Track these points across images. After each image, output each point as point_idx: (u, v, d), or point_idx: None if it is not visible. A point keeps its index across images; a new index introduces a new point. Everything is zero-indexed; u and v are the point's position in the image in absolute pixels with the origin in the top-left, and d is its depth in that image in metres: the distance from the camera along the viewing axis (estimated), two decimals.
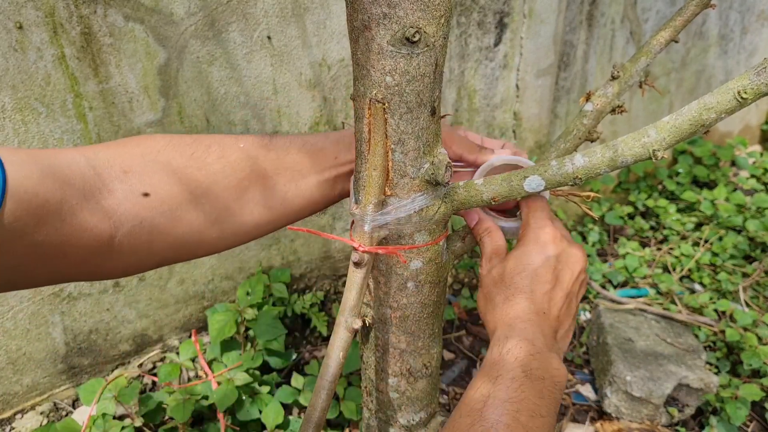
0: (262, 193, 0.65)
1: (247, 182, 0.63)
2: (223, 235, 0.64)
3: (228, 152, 0.63)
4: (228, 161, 0.62)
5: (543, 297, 0.64)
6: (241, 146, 0.64)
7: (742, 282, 1.63)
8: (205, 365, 1.28)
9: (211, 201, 0.61)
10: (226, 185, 0.62)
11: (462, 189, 0.67)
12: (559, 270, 0.65)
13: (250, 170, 0.63)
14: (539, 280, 0.64)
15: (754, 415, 1.33)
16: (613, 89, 0.77)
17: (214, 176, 0.61)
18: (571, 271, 0.66)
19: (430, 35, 0.56)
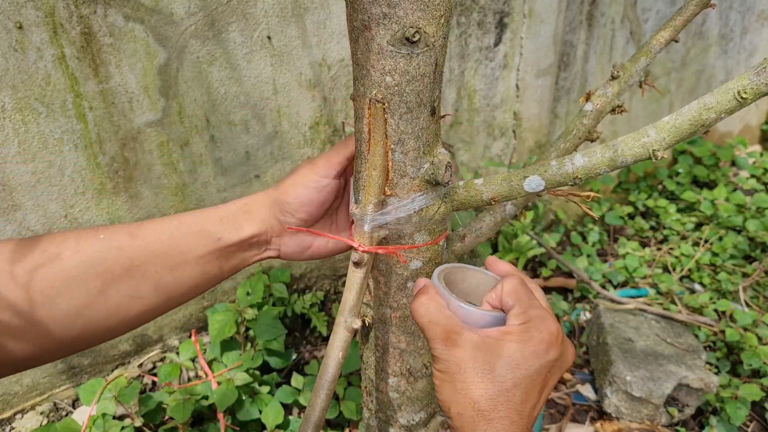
0: (130, 284, 0.60)
1: (109, 275, 0.59)
2: (89, 329, 0.59)
3: (85, 245, 0.59)
4: (85, 254, 0.58)
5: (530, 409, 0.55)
6: (101, 237, 0.60)
7: (742, 282, 1.63)
8: (205, 365, 1.28)
9: (69, 298, 0.57)
10: (84, 279, 0.58)
11: (462, 189, 0.67)
12: (552, 374, 0.57)
13: (113, 261, 0.59)
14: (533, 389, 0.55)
15: (754, 415, 1.33)
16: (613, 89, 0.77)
17: (69, 271, 0.57)
18: (561, 374, 0.58)
19: (430, 35, 0.56)
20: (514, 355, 0.54)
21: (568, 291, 1.73)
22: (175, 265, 0.62)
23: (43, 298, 0.56)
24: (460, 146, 1.66)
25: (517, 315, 0.57)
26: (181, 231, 0.63)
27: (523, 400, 0.54)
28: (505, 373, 0.54)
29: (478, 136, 1.68)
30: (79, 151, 1.10)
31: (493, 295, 0.59)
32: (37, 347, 0.57)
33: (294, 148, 1.35)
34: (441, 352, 0.56)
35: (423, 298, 0.59)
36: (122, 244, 0.60)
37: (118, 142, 1.13)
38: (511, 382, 0.54)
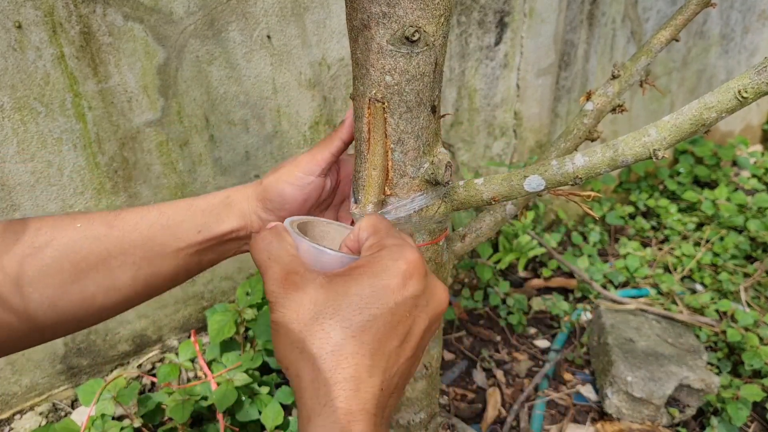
0: (106, 275, 0.59)
1: (84, 265, 0.57)
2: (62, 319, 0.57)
3: (60, 234, 0.57)
4: (60, 243, 0.56)
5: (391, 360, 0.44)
6: (78, 226, 0.58)
7: (744, 282, 1.62)
8: (204, 366, 1.28)
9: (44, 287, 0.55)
10: (58, 269, 0.56)
11: (462, 189, 0.66)
12: (417, 315, 0.46)
13: (88, 251, 0.58)
14: (389, 336, 0.44)
15: (755, 415, 1.33)
16: (613, 88, 0.76)
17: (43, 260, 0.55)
18: (429, 319, 0.47)
19: (430, 34, 0.55)
20: (363, 293, 0.44)
21: (569, 291, 1.72)
22: (153, 257, 0.60)
23: (16, 288, 0.54)
24: (460, 146, 1.66)
25: (369, 246, 0.48)
26: (160, 222, 0.61)
27: (375, 350, 0.43)
28: (351, 316, 0.43)
29: (479, 136, 1.68)
30: (78, 150, 1.10)
31: (351, 236, 0.51)
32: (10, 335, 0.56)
33: (294, 147, 1.35)
34: (277, 297, 0.45)
35: (266, 233, 0.51)
36: (99, 234, 0.58)
37: (117, 141, 1.13)
38: (359, 326, 0.43)
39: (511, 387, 1.42)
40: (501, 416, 1.34)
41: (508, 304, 1.62)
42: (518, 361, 1.50)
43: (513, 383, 1.43)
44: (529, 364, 1.49)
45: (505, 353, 1.52)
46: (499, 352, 1.52)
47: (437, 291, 0.48)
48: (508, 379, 1.45)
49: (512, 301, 1.61)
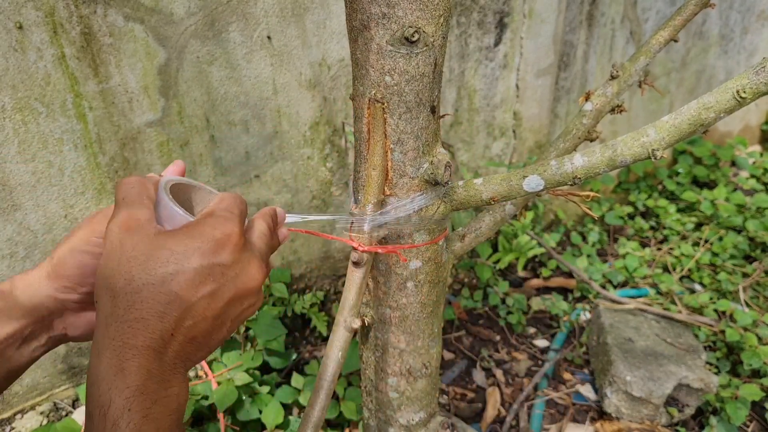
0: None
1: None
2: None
3: None
4: None
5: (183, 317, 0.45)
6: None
7: (742, 282, 1.63)
8: (205, 365, 1.28)
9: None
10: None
11: (461, 189, 0.67)
12: (224, 283, 0.47)
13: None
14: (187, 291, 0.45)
15: (754, 415, 1.33)
16: (612, 89, 0.77)
17: None
18: (236, 290, 0.48)
19: (429, 35, 0.56)
20: (175, 248, 0.46)
21: (568, 291, 1.73)
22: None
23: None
24: (460, 146, 1.66)
25: (203, 213, 0.50)
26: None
27: (172, 300, 0.45)
28: (156, 266, 0.45)
29: (478, 136, 1.68)
30: (79, 150, 1.10)
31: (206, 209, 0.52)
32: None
33: (294, 148, 1.35)
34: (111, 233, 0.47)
35: (134, 178, 0.51)
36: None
37: (118, 142, 1.13)
38: (160, 276, 0.45)
39: (510, 386, 1.42)
40: (500, 415, 1.34)
41: (508, 304, 1.62)
42: (518, 360, 1.50)
43: (512, 383, 1.44)
44: (529, 363, 1.49)
45: (504, 353, 1.52)
46: (498, 351, 1.53)
47: (250, 268, 0.49)
48: (508, 378, 1.45)
49: (512, 301, 1.62)
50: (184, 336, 0.46)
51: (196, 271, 0.46)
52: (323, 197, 1.45)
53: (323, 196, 1.45)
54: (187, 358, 0.47)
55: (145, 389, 0.43)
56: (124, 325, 0.44)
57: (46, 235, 1.13)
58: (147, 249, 0.45)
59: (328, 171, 1.43)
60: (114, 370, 0.43)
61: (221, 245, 0.47)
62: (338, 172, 1.45)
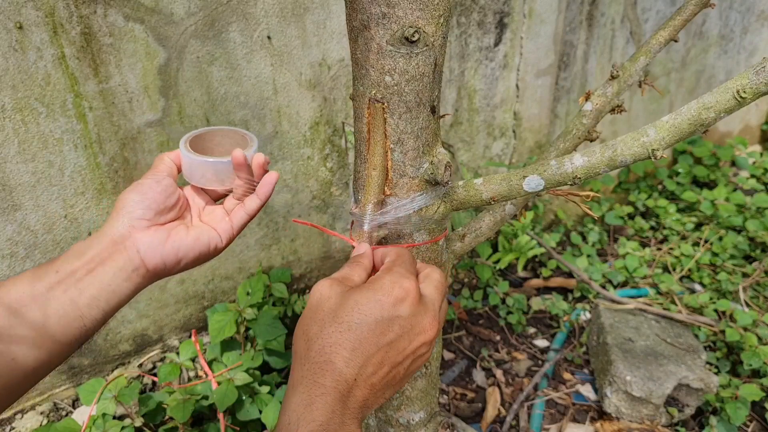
0: None
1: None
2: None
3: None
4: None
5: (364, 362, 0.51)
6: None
7: (742, 282, 1.63)
8: (205, 365, 1.28)
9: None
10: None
11: (461, 189, 0.67)
12: (401, 335, 0.53)
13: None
14: (369, 341, 0.52)
15: (754, 415, 1.33)
16: (612, 89, 0.77)
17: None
18: (412, 345, 0.54)
19: (429, 35, 0.56)
20: (360, 300, 0.53)
21: (568, 291, 1.73)
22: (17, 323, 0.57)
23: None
24: (460, 146, 1.66)
25: (382, 267, 0.58)
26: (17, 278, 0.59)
27: (356, 347, 0.51)
28: (344, 316, 0.52)
29: (478, 136, 1.68)
30: (79, 151, 1.10)
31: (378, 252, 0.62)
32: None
33: (294, 148, 1.35)
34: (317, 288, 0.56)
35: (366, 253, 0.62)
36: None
37: (118, 142, 1.13)
38: (347, 325, 0.52)
39: (510, 386, 1.42)
40: (500, 415, 1.34)
41: (508, 304, 1.62)
42: (518, 360, 1.50)
43: (512, 382, 1.44)
44: (529, 363, 1.49)
45: (504, 353, 1.52)
46: (498, 351, 1.53)
47: (425, 321, 0.55)
48: (508, 378, 1.45)
49: (512, 301, 1.62)
50: (365, 383, 0.52)
51: (378, 322, 0.52)
52: (323, 197, 1.45)
53: (323, 196, 1.45)
54: (365, 405, 0.52)
55: (328, 427, 0.48)
56: (315, 366, 0.51)
57: (46, 235, 1.13)
58: (337, 301, 0.53)
59: (328, 171, 1.43)
60: (304, 403, 0.49)
61: (400, 300, 0.54)
62: (338, 172, 1.45)
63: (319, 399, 0.49)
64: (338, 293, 0.54)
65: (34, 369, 0.56)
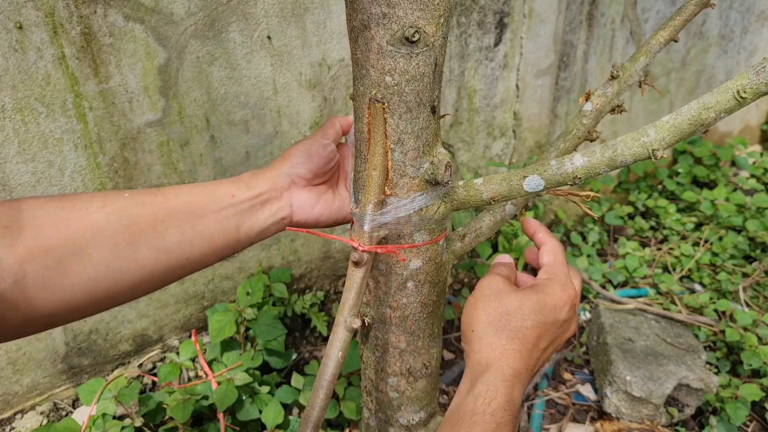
0: (155, 237, 0.63)
1: (136, 227, 0.62)
2: (119, 283, 0.61)
3: (111, 201, 0.62)
4: (112, 209, 0.61)
5: (539, 354, 0.65)
6: (125, 195, 0.63)
7: (742, 282, 1.63)
8: (205, 365, 1.28)
9: (99, 248, 0.59)
10: (113, 231, 0.60)
11: (462, 189, 0.67)
12: (562, 332, 0.67)
13: (138, 215, 0.62)
14: (544, 337, 0.65)
15: (754, 415, 1.33)
16: (612, 89, 0.77)
17: (98, 224, 0.59)
18: (564, 337, 0.68)
19: (430, 35, 0.56)
20: (538, 301, 0.65)
21: None
22: (196, 219, 0.66)
23: (75, 248, 0.58)
24: (460, 146, 1.66)
25: (545, 270, 0.69)
26: (198, 190, 0.68)
27: (537, 343, 0.64)
28: (520, 322, 0.64)
29: (478, 136, 1.68)
30: (79, 151, 1.10)
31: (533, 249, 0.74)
32: (65, 301, 0.58)
33: None
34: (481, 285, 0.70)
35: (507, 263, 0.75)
36: (145, 201, 0.64)
37: (118, 142, 1.13)
38: (532, 325, 0.64)
39: None
40: None
41: None
42: None
43: None
44: None
45: None
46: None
47: (574, 320, 0.68)
48: None
49: None
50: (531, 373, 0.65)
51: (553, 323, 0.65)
52: None
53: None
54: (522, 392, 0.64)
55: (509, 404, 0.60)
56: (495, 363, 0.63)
57: None
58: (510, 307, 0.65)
59: None
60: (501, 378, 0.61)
61: (566, 304, 0.66)
62: None
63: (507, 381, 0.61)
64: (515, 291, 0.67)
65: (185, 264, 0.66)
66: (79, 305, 0.59)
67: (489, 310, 0.66)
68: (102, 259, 0.59)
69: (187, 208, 0.66)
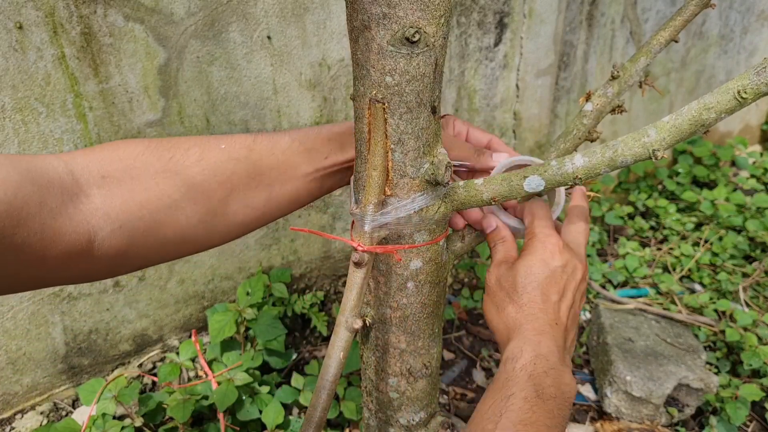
0: (246, 194, 0.65)
1: (229, 184, 0.63)
2: (210, 235, 0.64)
3: (208, 154, 0.63)
4: (208, 163, 0.62)
5: (553, 308, 0.66)
6: (222, 147, 0.64)
7: (742, 282, 1.63)
8: (205, 365, 1.28)
9: (193, 203, 0.61)
10: (208, 187, 0.62)
11: (462, 189, 0.67)
12: (565, 281, 0.67)
13: (232, 172, 0.64)
14: (549, 291, 0.66)
15: (754, 415, 1.33)
16: (612, 89, 0.77)
17: (194, 178, 0.61)
18: (575, 282, 0.68)
19: (430, 35, 0.56)
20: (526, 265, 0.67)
21: None
22: (286, 180, 0.67)
23: (170, 201, 0.59)
24: None
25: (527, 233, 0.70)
26: (292, 149, 0.68)
27: (544, 300, 0.65)
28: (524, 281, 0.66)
29: None
30: None
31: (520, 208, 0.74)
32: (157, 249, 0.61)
33: None
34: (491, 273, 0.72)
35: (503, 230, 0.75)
36: (240, 156, 0.64)
37: None
38: (531, 286, 0.66)
39: None
40: None
41: None
42: None
43: None
44: None
45: None
46: (498, 351, 1.53)
47: (575, 261, 0.69)
48: None
49: None
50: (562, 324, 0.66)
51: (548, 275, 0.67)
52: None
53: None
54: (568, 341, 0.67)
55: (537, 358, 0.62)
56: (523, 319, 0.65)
57: None
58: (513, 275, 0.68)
59: None
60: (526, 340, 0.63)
61: (552, 254, 0.67)
62: None
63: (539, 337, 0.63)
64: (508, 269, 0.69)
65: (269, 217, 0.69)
66: (170, 253, 0.63)
67: (495, 297, 0.69)
68: (195, 213, 0.61)
69: (279, 166, 0.66)
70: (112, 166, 0.58)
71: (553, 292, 0.66)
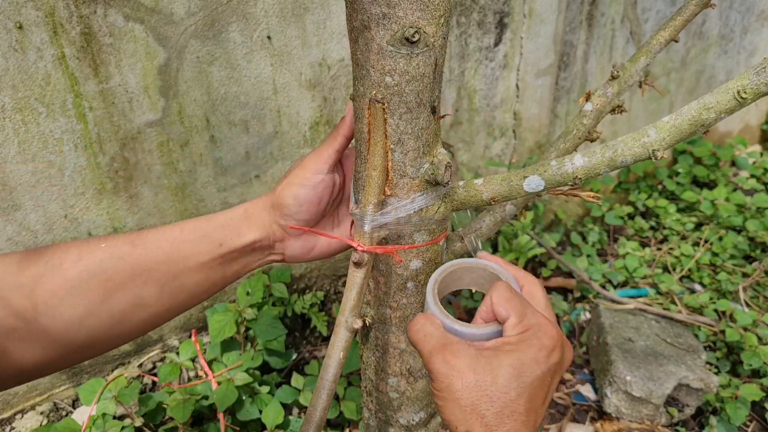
0: (132, 293, 0.61)
1: (111, 284, 0.59)
2: (92, 337, 0.60)
3: (86, 254, 0.59)
4: (87, 264, 0.59)
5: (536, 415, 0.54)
6: (102, 246, 0.60)
7: (742, 282, 1.63)
8: (205, 365, 1.28)
9: (70, 309, 0.57)
10: (86, 290, 0.58)
11: (462, 189, 0.67)
12: (554, 378, 0.56)
13: (114, 271, 0.60)
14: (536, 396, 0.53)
15: (754, 415, 1.33)
16: (612, 89, 0.77)
17: (71, 282, 0.58)
18: (561, 374, 0.57)
19: (430, 35, 0.56)
20: (515, 364, 0.52)
21: (568, 291, 1.73)
22: (178, 272, 0.62)
23: (46, 307, 0.56)
24: (460, 146, 1.66)
25: (514, 326, 0.55)
26: (182, 238, 0.63)
27: (528, 409, 0.52)
28: (507, 384, 0.52)
29: (478, 136, 1.68)
30: (79, 151, 1.10)
31: (484, 308, 0.57)
32: (43, 355, 0.57)
33: (294, 148, 1.35)
34: (440, 366, 0.53)
35: (418, 317, 0.59)
36: (123, 253, 0.60)
37: (118, 142, 1.13)
38: (515, 393, 0.52)
39: None
40: None
41: None
42: None
43: None
44: None
45: None
46: None
47: (567, 353, 0.57)
48: None
49: None
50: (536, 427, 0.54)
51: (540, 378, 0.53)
52: None
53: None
54: None
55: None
56: None
57: (46, 235, 1.13)
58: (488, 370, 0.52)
59: None
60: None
61: (551, 350, 0.54)
62: None
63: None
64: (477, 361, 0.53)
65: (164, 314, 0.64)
66: (56, 358, 0.58)
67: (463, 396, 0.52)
68: (75, 317, 0.57)
69: (168, 259, 0.62)
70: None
71: (540, 396, 0.54)
